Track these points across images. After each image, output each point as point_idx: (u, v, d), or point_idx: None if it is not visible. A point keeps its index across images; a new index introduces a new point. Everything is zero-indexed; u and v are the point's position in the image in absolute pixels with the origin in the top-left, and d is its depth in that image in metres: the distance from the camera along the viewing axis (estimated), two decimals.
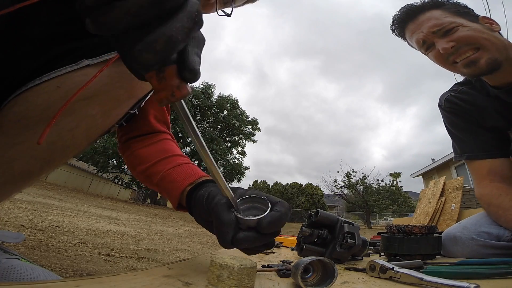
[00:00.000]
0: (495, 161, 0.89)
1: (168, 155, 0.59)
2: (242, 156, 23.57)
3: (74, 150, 0.47)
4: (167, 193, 0.54)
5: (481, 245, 0.77)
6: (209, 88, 22.55)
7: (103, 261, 1.67)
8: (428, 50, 0.87)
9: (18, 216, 2.75)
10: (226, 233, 0.37)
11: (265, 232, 0.37)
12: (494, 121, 0.89)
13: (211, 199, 0.41)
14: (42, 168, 0.45)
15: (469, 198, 5.62)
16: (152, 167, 0.58)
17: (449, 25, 0.80)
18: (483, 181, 0.90)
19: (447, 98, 0.98)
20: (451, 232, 0.85)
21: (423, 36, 0.85)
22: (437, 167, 13.79)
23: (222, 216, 0.38)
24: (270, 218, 0.37)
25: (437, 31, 0.82)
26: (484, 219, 0.84)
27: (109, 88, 0.46)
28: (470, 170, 0.96)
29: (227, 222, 0.38)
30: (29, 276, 0.46)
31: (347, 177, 23.00)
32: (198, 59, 0.27)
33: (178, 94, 0.26)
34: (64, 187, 13.78)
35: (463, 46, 0.79)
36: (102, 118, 0.47)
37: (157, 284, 0.32)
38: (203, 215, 0.44)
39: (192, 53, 0.27)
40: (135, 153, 0.62)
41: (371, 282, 0.45)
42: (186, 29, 0.24)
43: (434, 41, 0.83)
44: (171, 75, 0.26)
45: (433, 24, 0.82)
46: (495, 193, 0.84)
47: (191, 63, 0.26)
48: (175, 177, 0.53)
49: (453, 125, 0.99)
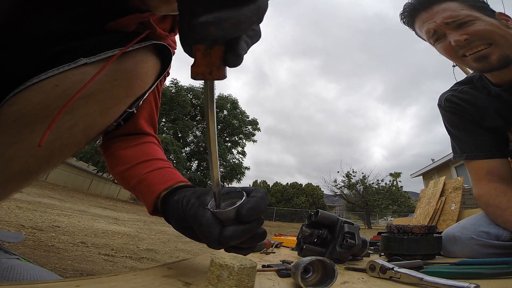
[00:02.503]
0: (493, 162, 0.89)
1: (148, 159, 0.58)
2: (242, 156, 23.59)
3: (73, 148, 0.47)
4: (143, 197, 0.53)
5: (480, 244, 0.77)
6: None
7: (103, 261, 1.67)
8: (437, 41, 0.86)
9: (18, 216, 2.75)
10: (209, 233, 0.36)
11: (247, 220, 0.35)
12: (494, 121, 0.89)
13: (185, 203, 0.40)
14: (41, 167, 0.45)
15: (469, 198, 5.63)
16: (130, 169, 0.57)
17: (465, 18, 0.79)
18: (481, 181, 0.90)
19: (447, 98, 0.98)
20: (450, 232, 0.85)
21: (435, 26, 0.84)
22: (437, 167, 13.79)
23: (198, 217, 0.37)
24: (248, 204, 0.36)
25: (451, 23, 0.81)
26: (483, 219, 0.84)
27: (108, 86, 0.46)
28: (469, 170, 0.96)
29: (205, 221, 0.36)
30: (29, 276, 0.46)
31: (347, 177, 23.03)
32: (246, 48, 0.28)
33: (215, 75, 0.27)
34: (64, 187, 13.77)
35: (476, 40, 0.78)
36: (100, 117, 0.47)
37: (157, 284, 0.32)
38: (179, 221, 0.43)
39: (243, 41, 0.28)
40: (115, 153, 0.61)
41: (371, 282, 0.45)
42: (252, 20, 0.27)
43: (446, 33, 0.82)
44: (217, 54, 0.27)
45: (448, 15, 0.81)
46: (493, 193, 0.84)
47: (239, 49, 0.27)
48: (151, 181, 0.52)
49: (453, 125, 0.99)
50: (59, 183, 15.41)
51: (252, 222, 0.36)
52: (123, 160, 0.59)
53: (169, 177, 0.52)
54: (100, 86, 0.44)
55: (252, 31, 0.29)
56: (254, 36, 0.30)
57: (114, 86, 0.46)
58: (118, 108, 0.50)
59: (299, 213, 26.57)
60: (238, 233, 0.35)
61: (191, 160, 21.78)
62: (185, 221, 0.41)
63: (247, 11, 0.26)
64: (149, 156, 0.59)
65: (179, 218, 0.42)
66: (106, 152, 0.64)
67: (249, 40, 0.29)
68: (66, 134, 0.44)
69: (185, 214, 0.40)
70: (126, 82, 0.48)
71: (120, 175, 0.59)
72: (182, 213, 0.40)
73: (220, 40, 0.27)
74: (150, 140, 0.65)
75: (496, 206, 0.81)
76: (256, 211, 0.36)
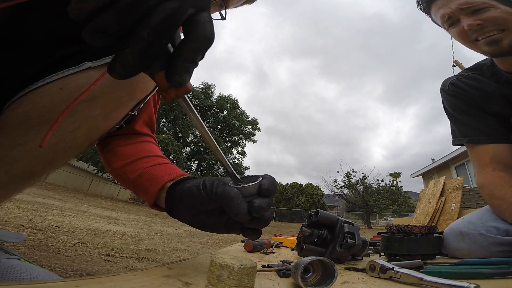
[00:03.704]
0: (498, 147, 0.86)
1: (149, 155, 0.59)
2: (242, 156, 23.62)
3: (76, 150, 0.48)
4: (144, 191, 0.53)
5: (490, 242, 0.72)
6: (209, 88, 22.57)
7: (103, 261, 1.67)
8: (452, 26, 0.87)
9: (18, 216, 2.75)
10: (239, 205, 0.38)
11: (267, 194, 0.40)
12: (499, 107, 0.87)
13: (209, 185, 0.41)
14: (44, 169, 0.46)
15: (469, 198, 5.64)
16: (130, 164, 0.57)
17: (480, 4, 0.80)
18: (485, 168, 0.86)
19: (452, 82, 0.97)
20: (456, 227, 0.80)
21: (450, 11, 0.85)
22: (437, 167, 13.79)
23: (227, 192, 0.39)
24: (268, 181, 0.41)
25: (465, 8, 0.82)
26: (489, 213, 0.80)
27: (111, 90, 0.46)
28: (472, 156, 0.92)
29: (235, 195, 0.39)
30: (29, 276, 0.46)
31: (347, 177, 23.02)
32: (188, 65, 0.27)
33: (167, 98, 0.29)
34: (64, 187, 13.77)
35: (490, 26, 0.79)
36: (103, 120, 0.48)
37: (157, 284, 0.32)
38: (197, 206, 0.43)
39: (180, 61, 0.27)
40: (114, 150, 0.61)
41: (371, 282, 0.45)
42: (144, 44, 0.25)
43: (460, 18, 0.83)
44: (161, 80, 0.28)
45: (463, 1, 0.82)
46: (498, 183, 0.81)
47: (175, 72, 0.27)
48: (154, 174, 0.52)
49: (455, 108, 0.97)
50: (59, 183, 15.41)
51: (270, 196, 0.41)
52: (123, 156, 0.59)
53: (171, 171, 0.53)
54: (103, 90, 0.45)
55: (193, 39, 0.27)
56: (194, 44, 0.27)
57: (117, 89, 0.47)
58: (121, 111, 0.51)
59: (299, 213, 26.57)
60: (264, 204, 0.39)
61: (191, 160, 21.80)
62: (205, 204, 0.42)
63: (133, 38, 0.25)
64: (150, 153, 0.59)
65: (199, 203, 0.42)
66: (103, 148, 0.64)
67: (191, 53, 0.27)
68: (70, 137, 0.45)
69: (211, 195, 0.40)
70: (129, 86, 0.48)
71: (118, 170, 0.59)
72: (205, 195, 0.41)
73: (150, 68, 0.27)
74: (148, 140, 0.66)
75: (501, 199, 0.78)
76: (274, 186, 0.41)
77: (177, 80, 0.27)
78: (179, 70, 0.27)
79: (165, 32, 0.25)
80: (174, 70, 0.27)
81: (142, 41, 0.25)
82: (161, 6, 0.25)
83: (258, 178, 0.42)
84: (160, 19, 0.25)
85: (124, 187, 0.61)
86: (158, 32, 0.25)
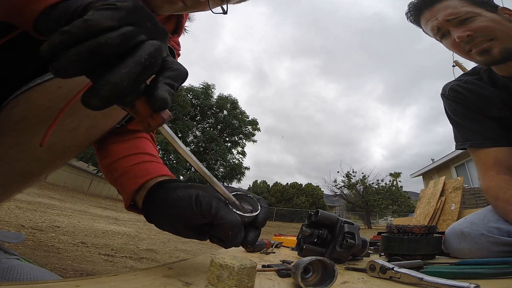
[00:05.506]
0: (501, 150, 0.87)
1: (136, 152, 0.56)
2: (242, 156, 23.60)
3: (75, 150, 0.47)
4: (123, 190, 0.50)
5: (492, 242, 0.73)
6: (209, 88, 22.56)
7: (103, 261, 1.67)
8: (444, 37, 0.89)
9: (18, 216, 2.75)
10: (238, 235, 0.38)
11: (260, 227, 0.40)
12: (499, 111, 0.88)
13: (206, 204, 0.37)
14: (42, 169, 0.45)
15: (469, 198, 5.63)
16: (116, 162, 0.55)
17: (466, 14, 0.81)
18: (489, 172, 0.87)
19: (452, 87, 0.98)
20: (457, 228, 0.80)
21: (438, 23, 0.87)
22: (437, 167, 13.79)
23: (228, 217, 0.36)
24: (264, 214, 0.41)
25: (452, 20, 0.83)
26: (491, 213, 0.80)
27: None
28: (475, 160, 0.93)
29: (236, 223, 0.37)
30: (29, 276, 0.46)
31: (347, 177, 23.03)
32: (169, 88, 0.27)
33: (153, 124, 0.28)
34: (64, 187, 13.77)
35: (479, 36, 0.80)
36: (103, 119, 0.47)
37: (157, 284, 0.32)
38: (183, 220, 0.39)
39: (161, 83, 0.27)
40: (105, 147, 0.59)
41: (371, 282, 0.45)
42: (133, 75, 0.25)
43: (450, 29, 0.85)
44: (142, 107, 0.27)
45: (449, 13, 0.84)
46: (503, 186, 0.81)
47: (159, 93, 0.27)
48: (134, 174, 0.50)
49: (456, 114, 0.98)
50: (59, 183, 15.41)
51: (261, 228, 0.41)
52: (111, 153, 0.57)
53: (152, 170, 0.50)
54: None
55: (171, 70, 0.28)
56: (173, 74, 0.28)
57: None
58: (121, 110, 0.50)
59: (299, 213, 26.58)
60: (256, 237, 0.40)
61: None
62: (193, 220, 0.38)
63: (122, 69, 0.24)
64: (137, 150, 0.56)
65: (186, 218, 0.39)
66: (96, 144, 0.62)
67: (168, 80, 0.28)
68: (68, 136, 0.44)
69: (207, 214, 0.37)
70: None
71: (106, 168, 0.57)
72: (198, 213, 0.37)
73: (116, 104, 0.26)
74: (142, 136, 0.63)
75: (506, 201, 0.78)
76: (266, 220, 0.42)
77: (161, 98, 0.26)
78: (163, 90, 0.27)
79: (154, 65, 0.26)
80: (157, 91, 0.27)
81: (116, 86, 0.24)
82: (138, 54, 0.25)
83: (255, 204, 0.41)
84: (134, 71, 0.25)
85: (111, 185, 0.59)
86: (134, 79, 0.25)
